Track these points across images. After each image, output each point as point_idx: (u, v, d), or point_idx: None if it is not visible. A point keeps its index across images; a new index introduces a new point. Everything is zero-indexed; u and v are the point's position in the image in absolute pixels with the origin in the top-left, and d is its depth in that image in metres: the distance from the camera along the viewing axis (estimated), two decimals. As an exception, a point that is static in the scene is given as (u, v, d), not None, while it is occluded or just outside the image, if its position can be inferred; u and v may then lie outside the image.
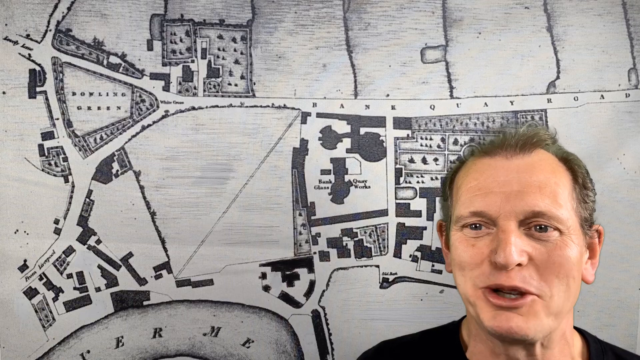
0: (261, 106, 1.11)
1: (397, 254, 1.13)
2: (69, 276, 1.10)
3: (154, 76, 1.10)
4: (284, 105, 1.11)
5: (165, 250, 1.11)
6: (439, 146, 1.13)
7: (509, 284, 0.63)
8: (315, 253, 1.12)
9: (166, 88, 1.10)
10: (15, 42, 1.07)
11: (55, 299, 1.10)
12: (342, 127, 1.12)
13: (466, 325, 0.78)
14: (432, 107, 1.12)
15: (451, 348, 0.77)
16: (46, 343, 1.10)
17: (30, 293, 1.09)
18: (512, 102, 1.12)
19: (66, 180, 1.09)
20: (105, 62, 1.09)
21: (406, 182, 1.13)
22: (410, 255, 1.13)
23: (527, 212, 0.64)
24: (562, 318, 0.67)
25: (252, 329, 1.12)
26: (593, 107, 1.12)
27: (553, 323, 0.65)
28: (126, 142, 1.09)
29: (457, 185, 0.74)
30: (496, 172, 0.68)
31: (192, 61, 1.10)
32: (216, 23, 1.10)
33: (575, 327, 0.74)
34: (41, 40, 1.08)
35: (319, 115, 1.12)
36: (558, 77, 1.12)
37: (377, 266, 1.13)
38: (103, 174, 1.09)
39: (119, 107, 1.09)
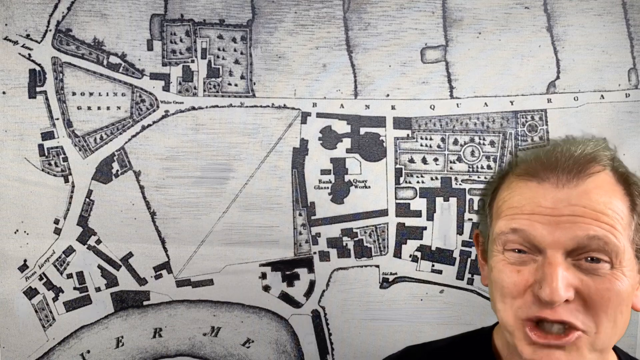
0: (261, 106, 1.11)
1: (397, 254, 1.13)
2: (69, 276, 1.10)
3: (154, 76, 1.10)
4: (284, 105, 1.11)
5: (165, 250, 1.11)
6: (439, 146, 1.13)
7: (554, 318, 0.58)
8: (315, 253, 1.12)
9: (166, 88, 1.10)
10: (15, 42, 1.07)
11: (55, 299, 1.10)
12: (342, 127, 1.12)
13: (500, 334, 0.72)
14: (432, 107, 1.12)
15: (483, 359, 0.72)
16: (46, 343, 1.10)
17: (30, 293, 1.09)
18: (512, 102, 1.12)
19: (66, 180, 1.09)
20: (105, 62, 1.09)
21: (406, 182, 1.13)
22: (410, 255, 1.13)
23: (581, 238, 0.57)
24: (607, 353, 0.63)
25: (252, 329, 1.12)
26: (593, 107, 1.12)
27: (596, 358, 0.61)
28: (126, 142, 1.09)
29: (497, 205, 0.67)
30: (544, 199, 0.60)
31: (192, 61, 1.10)
32: (216, 23, 1.10)
33: None
34: (41, 40, 1.08)
35: (319, 115, 1.12)
36: (558, 77, 1.12)
37: (377, 266, 1.13)
38: (103, 174, 1.09)
39: (119, 107, 1.09)
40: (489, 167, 1.12)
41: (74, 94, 1.09)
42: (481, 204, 0.74)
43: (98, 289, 1.10)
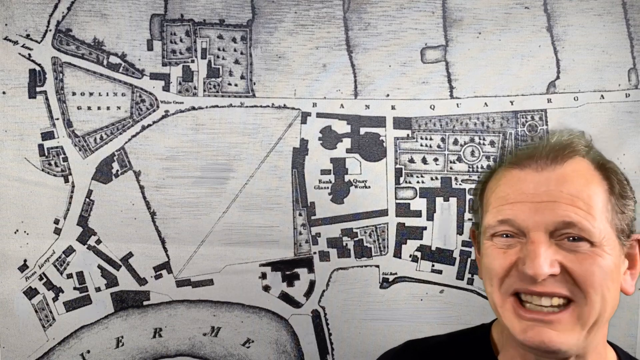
0: (261, 106, 1.11)
1: (397, 254, 1.13)
2: (69, 276, 1.10)
3: (154, 76, 1.10)
4: (284, 105, 1.11)
5: (165, 250, 1.11)
6: (439, 146, 1.13)
7: (542, 290, 0.62)
8: (315, 253, 1.12)
9: (166, 88, 1.10)
10: (15, 42, 1.07)
11: (55, 299, 1.10)
12: (342, 127, 1.12)
13: (498, 329, 0.75)
14: (432, 107, 1.12)
15: (482, 352, 0.74)
16: (46, 343, 1.10)
17: (30, 293, 1.09)
18: (512, 102, 1.12)
19: (66, 180, 1.09)
20: (105, 62, 1.09)
21: (406, 182, 1.13)
22: (410, 255, 1.13)
23: (558, 223, 0.62)
24: (598, 331, 0.64)
25: (252, 329, 1.12)
26: (593, 107, 1.12)
27: (588, 336, 0.63)
28: (126, 142, 1.09)
29: (486, 196, 0.72)
30: (525, 184, 0.66)
31: (192, 61, 1.10)
32: (216, 23, 1.10)
33: (608, 341, 0.72)
34: (41, 40, 1.08)
35: (319, 115, 1.12)
36: (558, 77, 1.12)
37: (377, 266, 1.13)
38: (103, 174, 1.09)
39: (119, 107, 1.09)
40: (488, 167, 1.12)
41: (74, 94, 1.09)
42: (474, 200, 0.77)
43: (98, 289, 1.10)
